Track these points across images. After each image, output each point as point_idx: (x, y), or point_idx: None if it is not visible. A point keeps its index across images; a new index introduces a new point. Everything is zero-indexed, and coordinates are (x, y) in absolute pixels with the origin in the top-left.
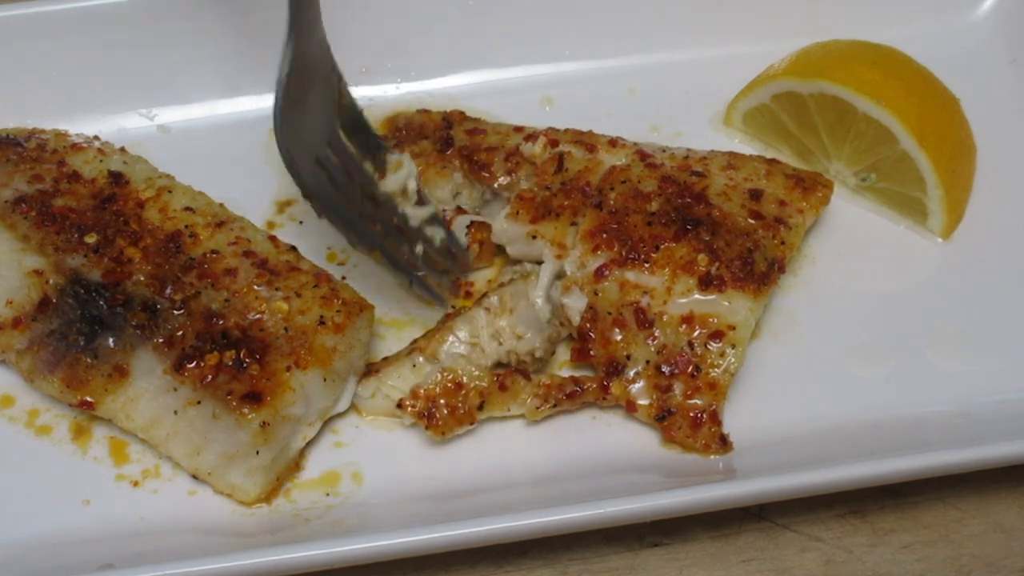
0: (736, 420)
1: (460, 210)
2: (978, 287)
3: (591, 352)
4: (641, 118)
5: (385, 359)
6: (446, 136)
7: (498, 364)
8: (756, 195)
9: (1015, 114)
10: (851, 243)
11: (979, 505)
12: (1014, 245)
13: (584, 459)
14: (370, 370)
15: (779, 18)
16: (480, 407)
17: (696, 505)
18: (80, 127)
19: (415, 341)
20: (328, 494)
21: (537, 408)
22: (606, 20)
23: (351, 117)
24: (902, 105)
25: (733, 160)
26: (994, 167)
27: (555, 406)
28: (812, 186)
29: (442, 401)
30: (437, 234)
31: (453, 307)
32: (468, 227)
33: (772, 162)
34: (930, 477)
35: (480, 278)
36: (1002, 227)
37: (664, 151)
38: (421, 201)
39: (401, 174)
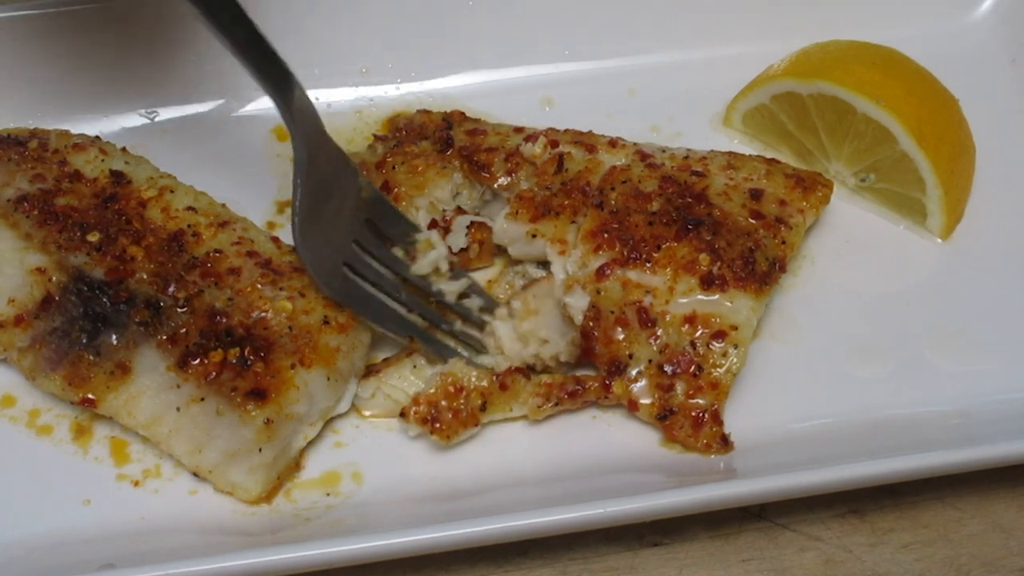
0: (736, 420)
1: (460, 210)
2: (978, 287)
3: (595, 351)
4: (641, 118)
5: (385, 360)
6: (446, 136)
7: (525, 367)
8: (756, 195)
9: (1015, 114)
10: (851, 243)
11: (978, 505)
12: (1014, 245)
13: (584, 459)
14: (370, 370)
15: (779, 18)
16: (483, 408)
17: (696, 505)
18: (81, 127)
19: (414, 342)
20: (328, 494)
21: (539, 407)
22: (606, 20)
23: (376, 208)
24: (901, 105)
25: (733, 160)
26: (994, 167)
27: (557, 405)
28: (812, 186)
29: (444, 404)
30: (475, 303)
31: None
32: (468, 227)
33: (772, 162)
34: (929, 477)
35: (480, 278)
36: (1002, 227)
37: (664, 151)
38: (455, 275)
39: (432, 255)
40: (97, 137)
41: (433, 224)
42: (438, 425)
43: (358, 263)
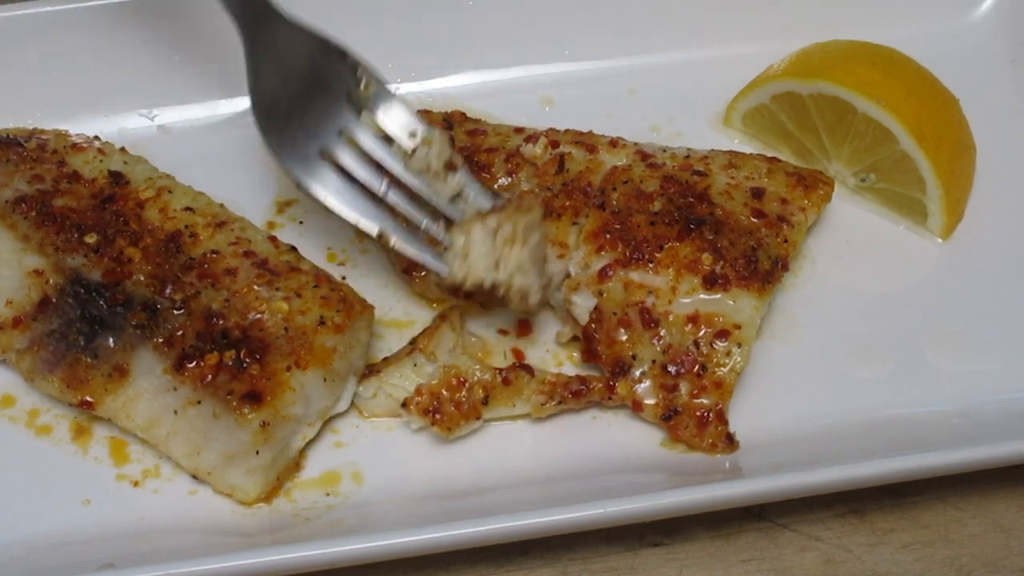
0: (736, 420)
1: None
2: (978, 287)
3: (598, 352)
4: (641, 118)
5: (385, 359)
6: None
7: (474, 290)
8: (758, 194)
9: (1015, 114)
10: (851, 243)
11: (978, 505)
12: (1014, 245)
13: (584, 459)
14: (371, 370)
15: (779, 18)
16: (485, 402)
17: (696, 505)
18: (80, 127)
19: (414, 340)
20: (328, 494)
21: (542, 405)
22: (606, 20)
23: (378, 100)
24: (902, 105)
25: (734, 159)
26: (994, 167)
27: (560, 403)
28: (813, 184)
29: (446, 396)
30: (471, 195)
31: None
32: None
33: (773, 160)
34: (930, 477)
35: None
36: (1002, 227)
37: (665, 151)
38: (454, 169)
39: (425, 151)
40: (96, 137)
41: None
42: (439, 417)
43: (336, 152)
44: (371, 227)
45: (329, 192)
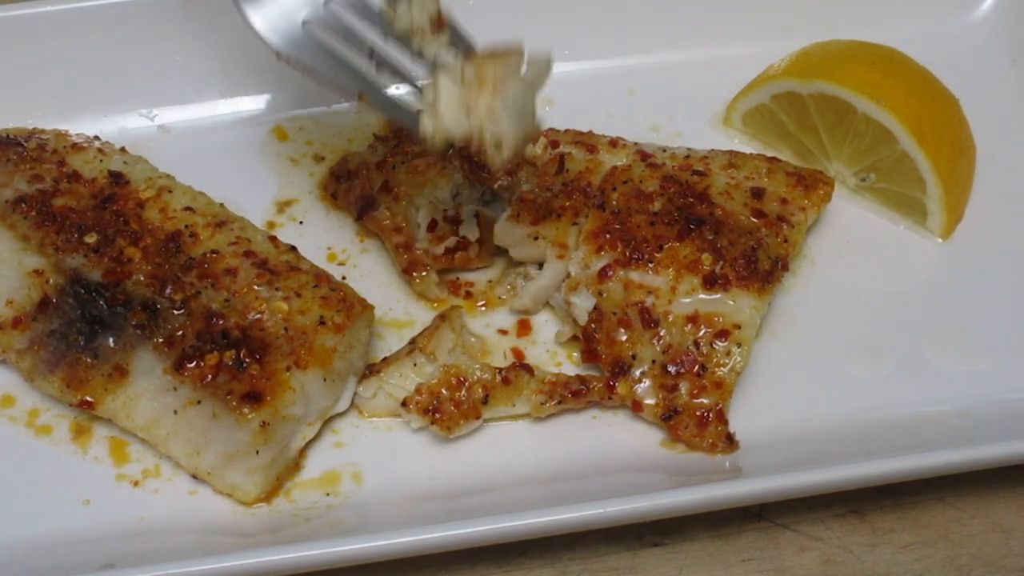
0: (735, 420)
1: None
2: (978, 287)
3: (598, 352)
4: (641, 118)
5: (385, 359)
6: None
7: (448, 147)
8: (758, 193)
9: (1015, 114)
10: (851, 243)
11: (978, 505)
12: (1014, 245)
13: (584, 459)
14: (371, 370)
15: (779, 18)
16: (484, 401)
17: (696, 505)
18: (80, 127)
19: (414, 340)
20: (328, 494)
21: (542, 404)
22: (606, 20)
23: None
24: (902, 105)
25: (734, 159)
26: (994, 167)
27: (560, 403)
28: (813, 184)
29: (445, 395)
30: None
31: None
32: (475, 216)
33: (773, 160)
34: (929, 477)
35: (480, 278)
36: (1002, 227)
37: (665, 151)
38: (442, 26)
39: (414, 6)
40: (96, 137)
41: (433, 224)
42: (439, 416)
43: (320, 20)
44: (349, 91)
45: (310, 60)
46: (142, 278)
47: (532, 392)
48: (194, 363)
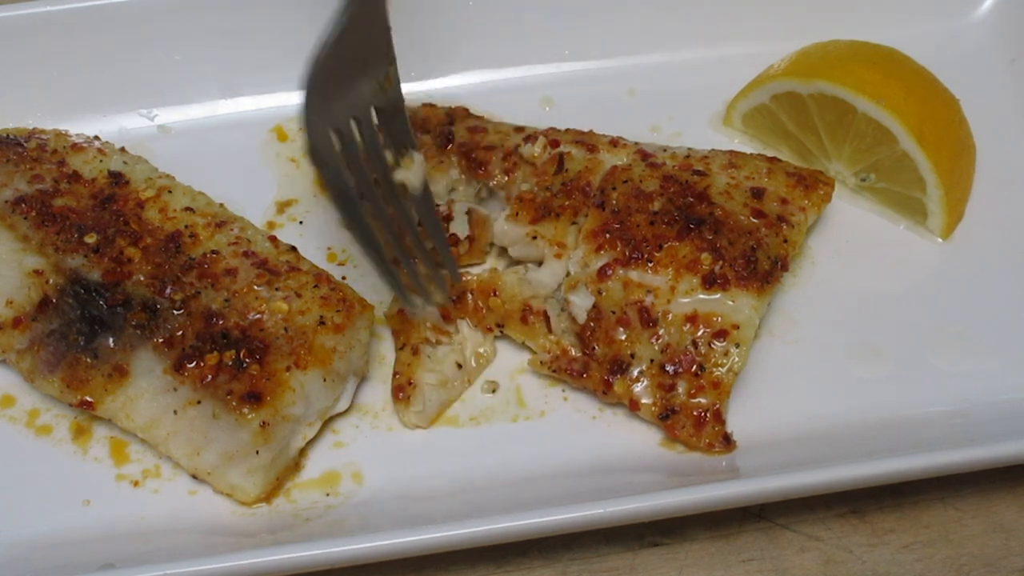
0: (735, 420)
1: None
2: (978, 287)
3: (594, 350)
4: (641, 118)
5: (401, 375)
6: (447, 132)
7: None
8: (758, 193)
9: (1015, 114)
10: (851, 243)
11: (978, 505)
12: (1014, 245)
13: (584, 459)
14: (404, 392)
15: (779, 18)
16: (499, 326)
17: (696, 505)
18: (80, 127)
19: (400, 341)
20: (328, 494)
21: (541, 363)
22: (606, 20)
23: (391, 105)
24: (902, 105)
25: (734, 159)
26: (994, 167)
27: (556, 372)
28: (813, 184)
29: (476, 290)
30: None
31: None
32: (467, 213)
33: (773, 160)
34: (930, 477)
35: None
36: (1002, 227)
37: (665, 150)
38: (427, 199)
39: (404, 173)
40: (96, 137)
41: None
42: (465, 307)
43: (346, 137)
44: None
45: (326, 172)
46: (142, 278)
47: (540, 346)
48: (194, 363)
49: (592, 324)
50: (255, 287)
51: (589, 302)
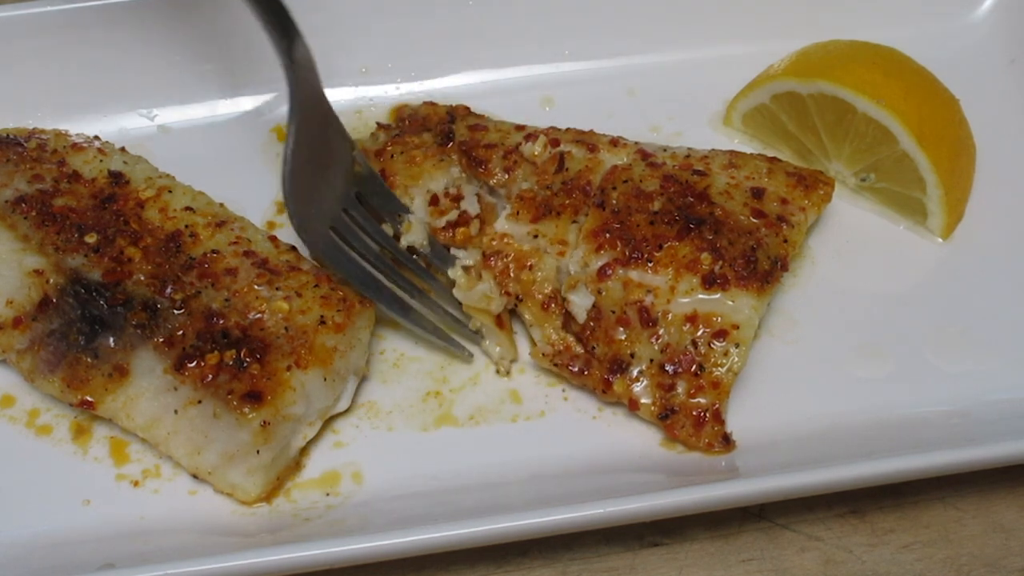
0: (735, 420)
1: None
2: (978, 287)
3: (594, 349)
4: (641, 118)
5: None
6: (447, 130)
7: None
8: (758, 193)
9: (1015, 114)
10: (851, 243)
11: (978, 505)
12: (1014, 245)
13: (584, 459)
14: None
15: (779, 18)
16: (518, 299)
17: (696, 505)
18: (80, 127)
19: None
20: (328, 494)
21: (543, 355)
22: (606, 20)
23: (369, 183)
24: (902, 105)
25: (734, 159)
26: (994, 167)
27: (557, 366)
28: (814, 184)
29: (512, 258)
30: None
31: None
32: (477, 195)
33: (773, 160)
34: (930, 477)
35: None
36: (1002, 227)
37: (665, 150)
38: (435, 253)
39: (414, 233)
40: (96, 137)
41: (435, 199)
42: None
43: (345, 230)
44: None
45: (351, 274)
46: (142, 278)
47: (546, 336)
48: (194, 363)
49: (592, 324)
50: (255, 287)
51: (589, 302)
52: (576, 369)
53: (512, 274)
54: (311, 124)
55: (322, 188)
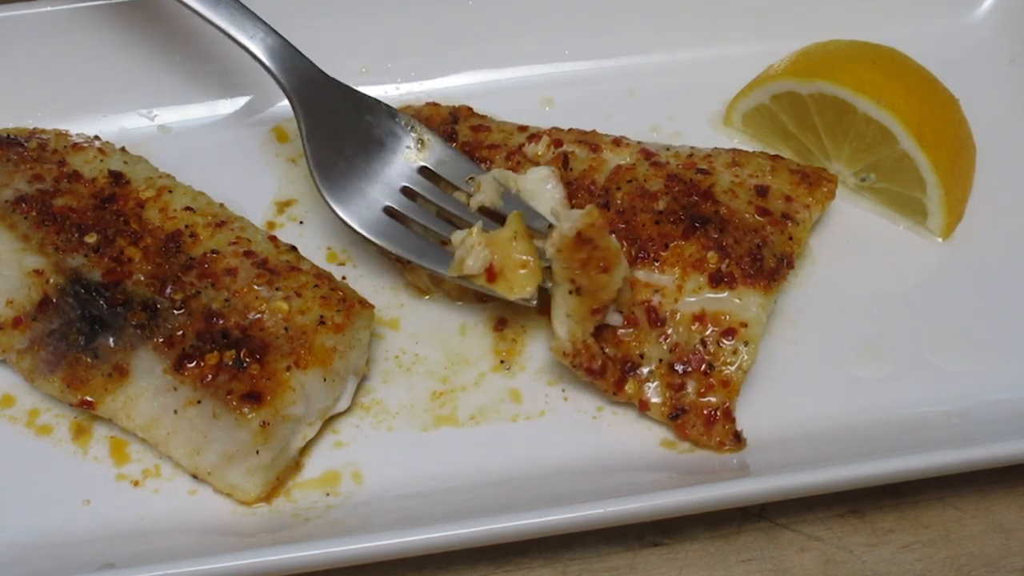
0: (737, 420)
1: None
2: (978, 287)
3: (604, 351)
4: (641, 118)
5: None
6: (450, 131)
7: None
8: (762, 191)
9: (1015, 114)
10: (851, 243)
11: (978, 505)
12: (1014, 245)
13: (584, 459)
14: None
15: (779, 18)
16: (542, 287)
17: (696, 505)
18: (81, 127)
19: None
20: (328, 494)
21: (564, 353)
22: (606, 20)
23: (441, 155)
24: (902, 105)
25: (737, 157)
26: (994, 167)
27: (574, 366)
28: (817, 181)
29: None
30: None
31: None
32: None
33: (776, 158)
34: (930, 477)
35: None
36: (1002, 227)
37: (668, 149)
38: (508, 203)
39: (484, 191)
40: (96, 137)
41: None
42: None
43: (402, 207)
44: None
45: (404, 247)
46: (142, 278)
47: (571, 332)
48: (194, 363)
49: (600, 325)
50: (255, 287)
51: None
52: (594, 370)
53: (575, 256)
54: (318, 107)
55: (361, 169)
